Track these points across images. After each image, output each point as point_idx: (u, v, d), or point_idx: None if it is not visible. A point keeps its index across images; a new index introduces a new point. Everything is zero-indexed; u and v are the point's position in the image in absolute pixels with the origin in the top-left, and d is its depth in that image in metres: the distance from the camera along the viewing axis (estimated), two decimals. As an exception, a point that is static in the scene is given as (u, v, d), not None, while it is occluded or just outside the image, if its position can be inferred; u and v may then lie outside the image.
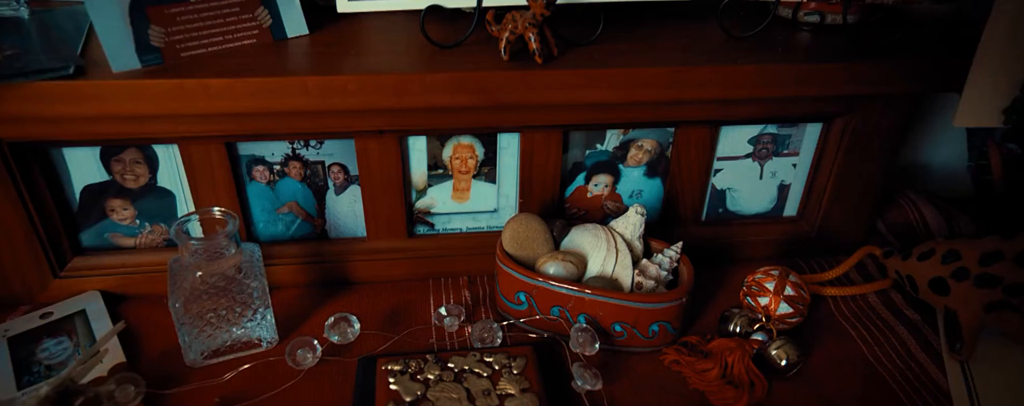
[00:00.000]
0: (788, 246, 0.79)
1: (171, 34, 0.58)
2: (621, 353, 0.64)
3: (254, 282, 0.61)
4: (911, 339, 0.67)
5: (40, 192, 0.64)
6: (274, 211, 0.70)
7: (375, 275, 0.73)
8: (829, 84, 0.65)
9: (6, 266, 0.66)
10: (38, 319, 0.65)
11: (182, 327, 0.60)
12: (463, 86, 0.60)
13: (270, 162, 0.67)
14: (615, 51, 0.65)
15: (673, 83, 0.63)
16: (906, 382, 0.62)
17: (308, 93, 0.58)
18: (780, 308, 0.65)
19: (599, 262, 0.65)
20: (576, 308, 0.63)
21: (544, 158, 0.70)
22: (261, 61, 0.60)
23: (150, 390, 0.57)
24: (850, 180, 0.75)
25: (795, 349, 0.62)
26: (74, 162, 0.65)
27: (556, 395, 0.57)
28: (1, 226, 0.64)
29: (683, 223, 0.77)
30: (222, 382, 0.59)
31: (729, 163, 0.75)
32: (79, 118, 0.58)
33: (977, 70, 0.64)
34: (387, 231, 0.72)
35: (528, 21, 0.60)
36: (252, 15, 0.62)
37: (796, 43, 0.69)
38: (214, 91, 0.57)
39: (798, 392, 0.61)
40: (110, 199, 0.67)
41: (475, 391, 0.55)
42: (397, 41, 0.66)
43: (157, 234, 0.70)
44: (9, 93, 0.55)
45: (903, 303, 0.72)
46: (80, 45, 0.61)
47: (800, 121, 0.73)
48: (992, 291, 0.62)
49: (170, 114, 0.58)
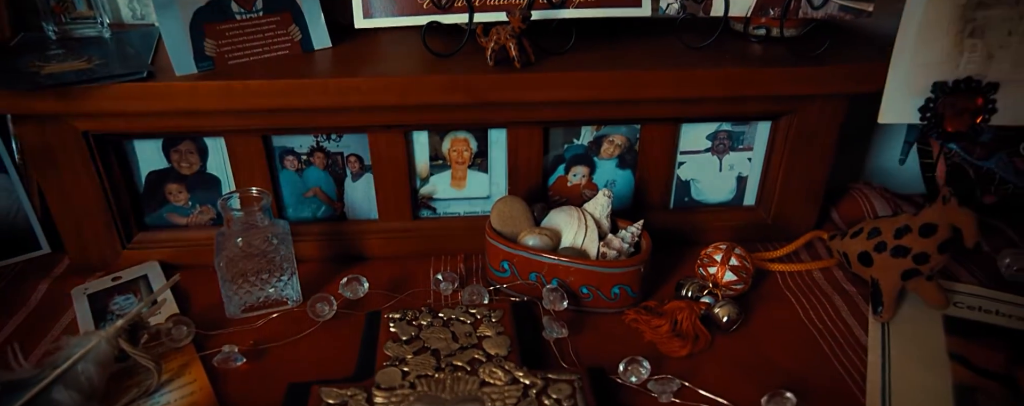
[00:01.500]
0: (747, 232, 0.90)
1: (221, 45, 0.73)
2: (588, 313, 0.75)
3: (284, 250, 0.74)
4: (844, 307, 0.77)
5: (115, 177, 0.79)
6: (301, 195, 0.84)
7: (385, 251, 0.86)
8: (770, 86, 0.77)
9: (87, 239, 0.80)
10: (110, 281, 0.79)
11: (225, 284, 0.73)
12: (455, 87, 0.73)
13: (298, 153, 0.81)
14: (585, 59, 0.77)
15: (636, 85, 0.75)
16: (832, 338, 0.72)
17: (328, 92, 0.71)
18: (726, 276, 0.76)
19: (571, 236, 0.76)
20: (549, 273, 0.74)
21: (528, 151, 0.83)
22: (292, 67, 0.74)
23: (199, 331, 0.70)
24: (798, 172, 0.86)
25: (735, 309, 0.73)
26: (142, 152, 0.79)
27: (528, 342, 0.69)
28: (84, 206, 0.78)
29: (652, 210, 0.89)
30: (255, 328, 0.72)
31: (691, 157, 0.87)
32: (148, 114, 0.73)
33: (892, 73, 0.75)
34: (395, 213, 0.85)
35: (508, 33, 0.73)
36: (286, 31, 0.76)
37: (745, 52, 0.81)
38: (254, 90, 0.71)
39: (737, 345, 0.71)
40: (168, 184, 0.82)
41: (459, 333, 0.67)
42: (403, 51, 0.79)
43: (205, 214, 0.84)
44: (95, 94, 0.69)
45: (843, 279, 0.82)
46: (150, 56, 0.75)
47: (751, 120, 0.85)
48: (905, 260, 0.71)
49: (218, 110, 0.72)
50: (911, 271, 0.72)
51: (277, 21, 0.76)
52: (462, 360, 0.63)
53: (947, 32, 0.72)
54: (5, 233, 0.82)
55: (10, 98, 0.67)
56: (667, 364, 0.68)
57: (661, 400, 0.63)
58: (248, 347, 0.69)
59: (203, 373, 0.66)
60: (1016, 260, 0.81)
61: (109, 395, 0.62)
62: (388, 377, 0.61)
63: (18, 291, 0.78)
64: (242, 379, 0.66)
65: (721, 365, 0.69)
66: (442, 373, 0.62)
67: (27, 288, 0.79)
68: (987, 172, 0.90)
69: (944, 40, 0.73)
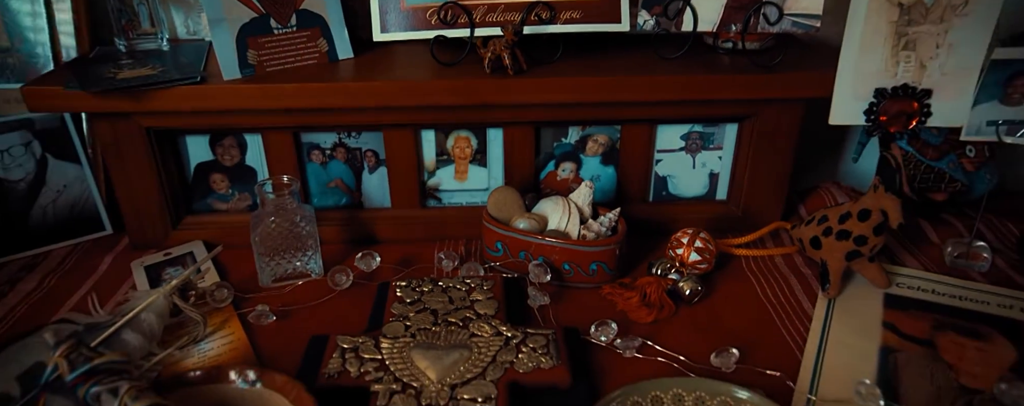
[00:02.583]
0: (720, 223, 1.00)
1: (261, 55, 0.86)
2: (570, 288, 0.87)
3: (309, 230, 0.87)
4: (798, 286, 0.87)
5: (169, 168, 0.93)
6: (325, 185, 0.97)
7: (396, 236, 0.98)
8: (732, 91, 0.88)
9: (144, 221, 0.94)
10: (162, 256, 0.93)
11: (259, 257, 0.86)
12: (457, 91, 0.85)
13: (323, 148, 0.94)
14: (571, 67, 0.89)
15: (616, 89, 0.87)
16: (783, 311, 0.82)
17: (350, 95, 0.84)
18: (692, 256, 0.86)
19: (556, 221, 0.88)
20: (536, 251, 0.86)
21: (522, 148, 0.95)
22: (319, 74, 0.88)
23: (237, 295, 0.83)
24: (764, 169, 0.96)
25: (697, 283, 0.83)
26: (192, 146, 0.93)
27: (514, 307, 0.80)
28: (144, 192, 0.92)
29: (633, 202, 1.00)
30: (283, 293, 0.85)
31: (667, 155, 0.98)
32: (199, 112, 0.86)
33: (839, 80, 0.86)
34: (406, 202, 0.98)
35: (503, 45, 0.86)
36: (315, 43, 0.90)
37: (712, 62, 0.92)
38: (287, 93, 0.84)
39: (698, 315, 0.82)
40: (213, 174, 0.96)
41: (454, 297, 0.79)
42: (414, 61, 0.92)
43: (243, 201, 0.98)
44: (157, 95, 0.83)
45: (802, 264, 0.92)
46: (201, 64, 0.89)
47: (719, 122, 0.96)
48: (847, 242, 0.82)
49: (257, 109, 0.86)
50: (854, 253, 0.82)
51: (308, 35, 0.90)
52: (456, 318, 0.75)
53: (884, 45, 0.83)
54: (77, 216, 0.96)
55: (93, 99, 0.82)
56: (635, 329, 0.79)
57: (625, 355, 0.74)
58: (277, 308, 0.82)
59: (240, 328, 0.79)
60: (956, 248, 0.91)
61: (165, 341, 0.75)
62: (393, 329, 0.73)
63: (87, 264, 0.92)
64: (272, 333, 0.79)
65: (681, 330, 0.79)
66: (438, 327, 0.74)
67: (94, 261, 0.93)
68: (939, 172, 1.00)
69: (882, 52, 0.84)
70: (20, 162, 0.91)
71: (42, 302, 0.84)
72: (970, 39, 0.80)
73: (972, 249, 0.90)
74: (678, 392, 0.66)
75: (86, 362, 0.58)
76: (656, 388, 0.66)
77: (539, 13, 0.89)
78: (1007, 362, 0.72)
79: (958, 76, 0.82)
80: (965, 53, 0.81)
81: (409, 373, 0.66)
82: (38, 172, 0.93)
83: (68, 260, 0.93)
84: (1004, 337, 0.75)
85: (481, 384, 0.65)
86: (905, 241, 0.97)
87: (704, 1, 0.91)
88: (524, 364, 0.68)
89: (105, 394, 0.56)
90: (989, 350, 0.74)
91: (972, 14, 0.79)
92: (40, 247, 0.94)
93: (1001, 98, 0.81)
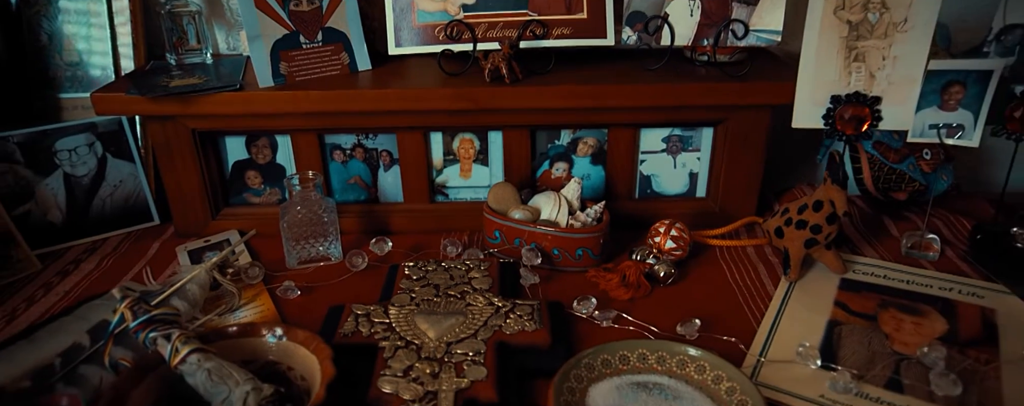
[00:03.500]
0: (700, 218, 1.10)
1: (291, 66, 1.00)
2: (559, 272, 0.98)
3: (329, 218, 0.99)
4: (764, 272, 0.97)
5: (210, 165, 1.06)
6: (345, 182, 1.10)
7: (407, 227, 1.10)
8: (704, 98, 0.99)
9: (188, 211, 1.07)
10: (202, 243, 1.06)
11: (286, 242, 0.98)
12: (460, 97, 0.98)
13: (344, 148, 1.07)
14: (562, 77, 1.01)
15: (602, 97, 0.98)
16: (748, 292, 0.92)
17: (366, 100, 0.97)
18: (668, 244, 0.97)
19: (548, 212, 0.99)
20: (529, 238, 0.97)
21: (519, 149, 1.07)
22: (341, 82, 1.00)
23: (267, 273, 0.95)
24: (738, 169, 1.07)
25: (671, 267, 0.94)
26: (230, 146, 1.07)
27: (507, 285, 0.91)
28: (189, 187, 1.05)
29: (620, 199, 1.11)
30: (307, 273, 0.97)
31: (650, 156, 1.09)
32: (237, 115, 1.00)
33: (799, 88, 0.96)
34: (417, 197, 1.10)
35: (501, 57, 0.98)
36: (337, 56, 1.03)
37: (688, 73, 1.04)
38: (313, 99, 0.97)
39: (670, 294, 0.92)
40: (248, 171, 1.09)
41: (455, 275, 0.90)
42: (424, 71, 1.05)
43: (273, 195, 1.10)
44: (203, 100, 0.97)
45: (771, 253, 1.02)
46: (240, 75, 1.03)
47: (696, 126, 1.07)
48: (805, 231, 0.92)
49: (287, 113, 0.99)
50: (811, 240, 0.92)
51: (332, 49, 1.03)
52: (455, 291, 0.87)
53: (837, 57, 0.94)
54: (130, 208, 1.10)
55: (149, 103, 0.95)
56: (613, 305, 0.90)
57: (602, 325, 0.85)
58: (301, 285, 0.94)
59: (269, 300, 0.91)
60: (910, 239, 1.00)
61: (206, 309, 0.87)
62: (400, 300, 0.85)
63: (138, 248, 1.06)
64: (297, 305, 0.91)
65: (654, 306, 0.90)
66: (439, 298, 0.85)
67: (144, 246, 1.06)
68: (900, 173, 1.09)
69: (835, 63, 0.94)
70: (84, 160, 1.05)
71: (100, 280, 0.97)
72: (911, 52, 0.90)
73: (925, 240, 1.00)
74: (642, 352, 0.76)
75: (145, 313, 0.70)
76: (623, 348, 0.76)
77: (533, 29, 1.02)
78: (938, 333, 0.81)
79: (903, 85, 0.92)
80: (907, 64, 0.91)
81: (412, 333, 0.78)
82: (99, 169, 1.07)
83: (122, 245, 1.06)
84: (939, 314, 0.85)
85: (473, 342, 0.76)
86: (868, 234, 1.07)
87: (680, 19, 1.02)
88: (511, 327, 0.79)
89: (160, 339, 0.68)
90: (924, 323, 0.83)
91: (911, 30, 0.90)
92: (98, 234, 1.07)
93: (939, 105, 0.91)
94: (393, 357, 0.74)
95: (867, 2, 0.90)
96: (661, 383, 0.73)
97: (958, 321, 0.83)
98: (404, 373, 0.72)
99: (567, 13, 1.03)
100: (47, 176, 1.03)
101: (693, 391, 0.72)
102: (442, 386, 0.70)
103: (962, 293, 0.89)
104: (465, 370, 0.72)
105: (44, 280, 0.96)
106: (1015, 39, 0.94)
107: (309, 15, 1.01)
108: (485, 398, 0.69)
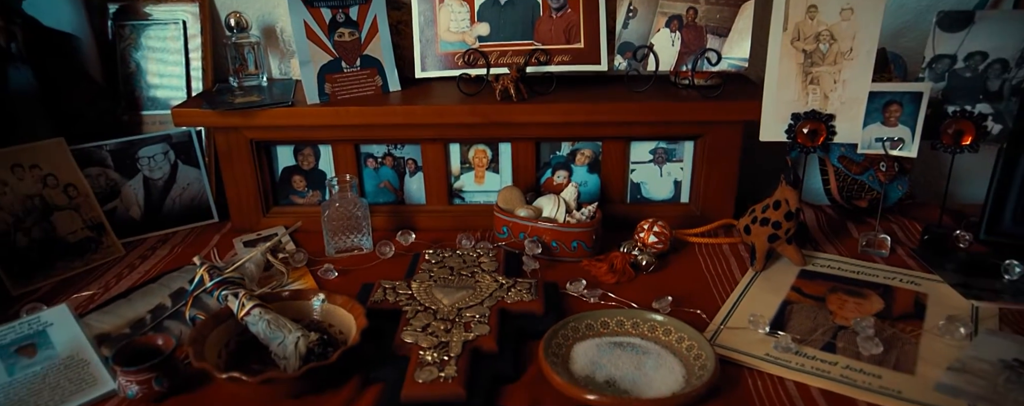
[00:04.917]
0: (684, 220, 1.26)
1: (334, 87, 1.19)
2: (557, 262, 1.14)
3: (362, 214, 1.17)
4: (735, 265, 1.12)
5: (263, 170, 1.25)
6: (377, 186, 1.28)
7: (429, 226, 1.27)
8: (684, 115, 1.16)
9: (244, 209, 1.26)
10: (255, 236, 1.24)
11: (326, 234, 1.16)
12: (474, 113, 1.16)
13: (376, 156, 1.25)
14: (562, 96, 1.19)
15: (597, 113, 1.16)
16: (718, 280, 1.07)
17: (396, 115, 1.16)
18: (650, 238, 1.13)
19: (548, 211, 1.16)
20: (532, 232, 1.14)
21: (526, 158, 1.24)
22: (375, 100, 1.19)
23: (311, 258, 1.13)
24: (716, 177, 1.23)
25: (652, 257, 1.09)
26: (280, 154, 1.26)
27: (511, 269, 1.08)
28: (246, 189, 1.24)
29: (613, 203, 1.27)
30: (343, 259, 1.15)
31: (639, 165, 1.25)
32: (288, 127, 1.19)
33: (764, 107, 1.13)
34: (437, 200, 1.28)
35: (510, 80, 1.16)
36: (373, 79, 1.22)
37: (671, 94, 1.20)
38: (351, 114, 1.16)
39: (651, 280, 1.08)
40: (294, 176, 1.28)
41: (466, 259, 1.07)
42: (445, 92, 1.23)
43: (314, 197, 1.29)
44: (260, 115, 1.16)
45: (743, 250, 1.17)
46: (291, 94, 1.23)
47: (679, 139, 1.23)
48: (767, 228, 1.07)
49: (329, 125, 1.18)
50: (773, 235, 1.07)
51: (368, 73, 1.22)
52: (466, 271, 1.03)
53: (795, 81, 1.10)
54: (194, 207, 1.29)
55: (218, 116, 1.15)
56: (601, 288, 1.05)
57: (590, 301, 1.01)
58: (338, 269, 1.11)
59: (312, 279, 1.08)
60: (865, 237, 1.15)
61: (260, 284, 1.05)
62: (420, 277, 1.02)
63: (201, 239, 1.24)
64: (335, 284, 1.08)
65: (636, 289, 1.05)
66: (453, 277, 1.02)
67: (207, 238, 1.25)
68: (861, 183, 1.24)
69: (794, 86, 1.10)
70: (160, 166, 1.25)
71: (173, 263, 1.15)
72: (857, 76, 1.06)
73: (878, 238, 1.14)
74: (620, 319, 0.92)
75: (219, 276, 0.88)
76: (604, 315, 0.92)
77: (538, 57, 1.20)
78: (875, 311, 0.95)
79: (851, 104, 1.08)
80: (854, 87, 1.07)
81: (430, 301, 0.95)
82: (171, 174, 1.26)
83: (188, 237, 1.25)
84: (879, 296, 0.99)
85: (479, 308, 0.93)
86: (831, 236, 1.21)
87: (664, 48, 1.20)
88: (512, 298, 0.95)
89: (230, 296, 0.86)
90: (864, 304, 0.97)
91: (856, 58, 1.06)
92: (169, 228, 1.27)
93: (883, 121, 1.07)
94: (414, 318, 0.91)
95: (818, 34, 1.07)
96: (634, 343, 0.89)
97: (894, 302, 0.97)
98: (423, 329, 0.88)
99: (567, 43, 1.21)
100: (131, 179, 1.23)
101: (660, 349, 0.87)
102: (453, 338, 0.86)
103: (902, 281, 1.03)
104: (472, 327, 0.88)
105: (128, 262, 1.15)
106: (944, 67, 1.10)
107: (350, 45, 1.20)
108: (487, 348, 0.85)
